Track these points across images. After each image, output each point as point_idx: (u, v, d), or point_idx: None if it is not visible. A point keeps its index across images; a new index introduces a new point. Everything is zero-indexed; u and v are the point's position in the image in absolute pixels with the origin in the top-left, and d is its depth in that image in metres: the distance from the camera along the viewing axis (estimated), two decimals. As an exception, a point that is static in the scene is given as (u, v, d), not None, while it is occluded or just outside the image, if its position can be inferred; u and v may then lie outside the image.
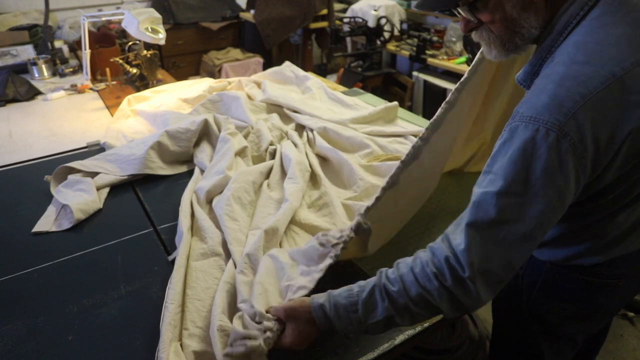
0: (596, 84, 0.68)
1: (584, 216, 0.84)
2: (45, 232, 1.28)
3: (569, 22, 0.75)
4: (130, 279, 1.09)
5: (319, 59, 4.65)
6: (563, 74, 0.71)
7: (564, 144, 0.67)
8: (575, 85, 0.69)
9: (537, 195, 0.70)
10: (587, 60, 0.70)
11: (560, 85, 0.70)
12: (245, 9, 4.28)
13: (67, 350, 0.92)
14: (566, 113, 0.67)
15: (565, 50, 0.74)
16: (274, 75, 2.24)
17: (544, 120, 0.68)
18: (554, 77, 0.71)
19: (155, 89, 2.24)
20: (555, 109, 0.68)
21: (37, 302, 1.04)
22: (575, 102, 0.68)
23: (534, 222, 0.71)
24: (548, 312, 0.97)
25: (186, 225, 1.18)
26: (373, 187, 1.35)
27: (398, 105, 1.90)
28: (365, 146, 1.58)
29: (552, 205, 0.71)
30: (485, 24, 0.82)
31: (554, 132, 0.67)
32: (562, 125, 0.67)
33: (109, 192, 1.45)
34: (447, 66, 3.26)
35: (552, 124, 0.68)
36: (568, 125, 0.67)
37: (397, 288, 0.78)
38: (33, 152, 1.76)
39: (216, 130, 1.64)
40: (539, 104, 0.70)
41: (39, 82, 2.55)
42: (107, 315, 1.00)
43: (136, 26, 2.06)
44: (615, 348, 1.91)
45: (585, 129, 0.68)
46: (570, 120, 0.67)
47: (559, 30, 0.76)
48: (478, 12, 0.80)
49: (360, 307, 0.79)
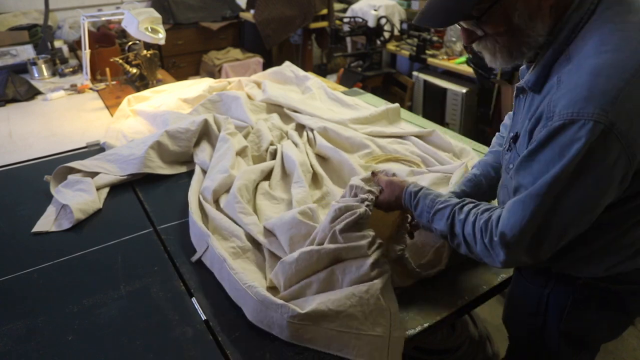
0: (634, 68, 0.68)
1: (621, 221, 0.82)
2: (45, 232, 1.28)
3: (577, 24, 0.75)
4: (130, 279, 1.09)
5: (319, 59, 4.65)
6: (596, 65, 0.70)
7: (611, 135, 0.67)
8: (614, 72, 0.68)
9: (578, 186, 0.71)
10: (616, 48, 0.70)
11: (597, 75, 0.69)
12: (245, 9, 4.28)
13: (67, 350, 0.92)
14: (611, 101, 0.67)
15: (584, 45, 0.73)
16: (274, 75, 2.23)
17: (589, 113, 0.67)
18: (586, 69, 0.70)
19: (155, 89, 2.24)
20: (598, 99, 0.67)
21: (37, 302, 1.04)
22: (619, 89, 0.67)
23: (579, 210, 0.73)
24: (578, 328, 0.94)
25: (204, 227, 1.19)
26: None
27: (399, 107, 1.90)
28: (364, 146, 1.58)
29: (599, 195, 0.72)
30: (490, 35, 0.81)
31: (601, 124, 0.67)
32: (608, 114, 0.66)
33: (109, 192, 1.45)
34: (447, 66, 3.26)
35: (598, 115, 0.67)
36: (614, 113, 0.66)
37: (461, 217, 0.87)
38: (33, 152, 1.76)
39: (216, 130, 1.64)
40: (578, 97, 0.69)
41: (38, 82, 2.55)
42: (107, 315, 1.00)
43: (136, 26, 2.06)
44: (616, 348, 1.91)
45: (633, 114, 0.67)
46: (617, 107, 0.67)
47: (569, 31, 0.76)
48: (483, 24, 0.80)
49: (434, 211, 0.92)
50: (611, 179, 0.71)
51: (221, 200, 1.31)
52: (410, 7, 3.95)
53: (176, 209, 1.33)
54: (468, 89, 3.17)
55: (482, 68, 2.84)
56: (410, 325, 0.96)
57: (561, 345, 0.97)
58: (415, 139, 1.63)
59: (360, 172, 1.40)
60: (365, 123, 1.78)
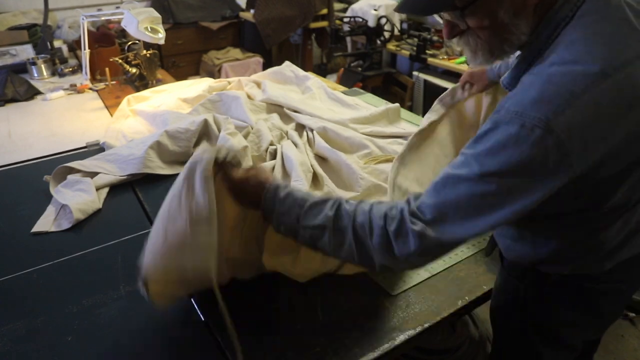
0: (587, 83, 0.67)
1: (582, 225, 0.83)
2: (44, 232, 1.27)
3: (558, 24, 0.74)
4: (130, 279, 1.09)
5: (319, 58, 4.65)
6: (552, 72, 0.69)
7: (549, 140, 0.65)
8: (565, 82, 0.67)
9: (510, 189, 0.69)
10: (576, 60, 0.69)
11: (549, 82, 0.68)
12: (245, 9, 4.28)
13: (67, 350, 0.92)
14: (554, 110, 0.66)
15: (555, 51, 0.73)
16: (274, 75, 2.23)
17: (531, 115, 0.67)
18: (542, 75, 0.70)
19: (155, 89, 2.24)
20: (544, 105, 0.67)
21: (37, 302, 1.04)
22: (565, 100, 0.66)
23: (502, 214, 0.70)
24: (551, 323, 0.95)
25: None
26: (375, 186, 1.35)
27: (400, 107, 1.90)
28: (363, 147, 1.58)
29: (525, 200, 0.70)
30: (472, 30, 0.79)
31: (540, 129, 0.65)
32: (549, 122, 0.65)
33: (109, 192, 1.45)
34: (447, 66, 3.25)
35: (540, 119, 0.66)
36: (555, 122, 0.65)
37: (350, 209, 0.80)
38: (32, 152, 1.76)
39: (216, 131, 1.64)
40: (526, 99, 0.68)
41: (38, 81, 2.54)
42: (107, 315, 0.99)
43: (136, 26, 2.06)
44: (616, 348, 1.91)
45: (574, 128, 0.66)
46: (559, 118, 0.65)
47: (548, 34, 0.75)
48: (467, 17, 0.77)
49: (308, 205, 0.81)
50: (538, 185, 0.69)
51: None
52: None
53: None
54: (468, 89, 3.16)
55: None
56: (410, 325, 0.96)
57: (537, 340, 0.97)
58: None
59: (358, 172, 1.39)
60: (365, 123, 1.78)
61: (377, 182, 1.36)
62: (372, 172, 1.44)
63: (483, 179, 0.70)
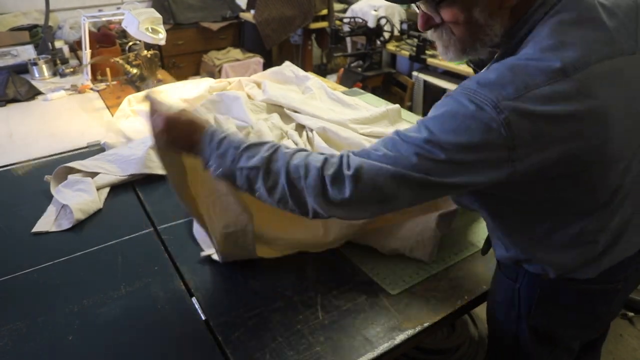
0: (544, 79, 0.68)
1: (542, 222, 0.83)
2: (45, 232, 1.28)
3: (532, 25, 0.75)
4: (130, 279, 1.09)
5: (319, 59, 4.65)
6: (515, 63, 0.71)
7: (496, 120, 0.67)
8: (523, 74, 0.68)
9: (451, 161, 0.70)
10: (541, 57, 0.70)
11: (509, 70, 0.70)
12: (245, 9, 4.28)
13: (67, 350, 0.92)
14: (505, 95, 0.67)
15: (525, 47, 0.74)
16: (274, 75, 2.23)
17: (483, 94, 0.68)
18: (505, 64, 0.71)
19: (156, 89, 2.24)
20: (497, 88, 0.68)
21: (37, 302, 1.04)
22: (517, 89, 0.67)
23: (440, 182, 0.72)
24: (547, 324, 0.95)
25: None
26: None
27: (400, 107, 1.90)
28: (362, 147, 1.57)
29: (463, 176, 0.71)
30: (446, 24, 0.80)
31: (489, 107, 0.67)
32: (498, 103, 0.67)
33: (109, 192, 1.45)
34: (447, 66, 3.26)
35: (491, 100, 0.67)
36: (505, 106, 0.67)
37: (287, 152, 0.80)
38: (33, 152, 1.76)
39: (216, 130, 1.64)
40: (482, 80, 0.70)
41: (39, 82, 2.54)
42: (107, 315, 1.00)
43: (136, 26, 2.06)
44: (615, 348, 1.91)
45: (521, 116, 0.67)
46: (508, 103, 0.67)
47: (522, 35, 0.76)
48: (442, 10, 0.78)
49: (244, 146, 0.82)
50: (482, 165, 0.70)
51: None
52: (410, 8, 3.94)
53: (176, 209, 1.33)
54: (468, 89, 3.16)
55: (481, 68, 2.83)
56: (410, 325, 0.96)
57: (533, 341, 0.97)
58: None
59: None
60: (366, 123, 1.78)
61: None
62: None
63: (428, 143, 0.71)
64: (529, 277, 0.91)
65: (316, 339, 0.92)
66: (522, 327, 0.97)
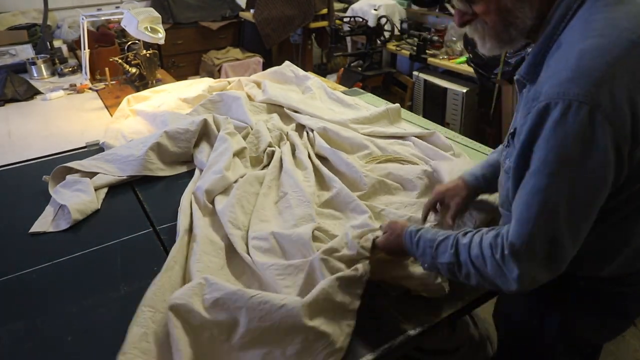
0: (619, 52, 0.68)
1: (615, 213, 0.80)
2: (44, 232, 1.27)
3: (569, 7, 0.75)
4: (130, 279, 1.09)
5: (319, 58, 4.64)
6: (581, 49, 0.70)
7: (597, 116, 0.66)
8: (597, 54, 0.68)
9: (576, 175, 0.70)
10: (601, 34, 0.70)
11: (581, 58, 0.69)
12: (245, 9, 4.28)
13: (67, 350, 0.91)
14: (595, 83, 0.66)
15: (572, 33, 0.74)
16: (274, 75, 2.23)
17: (574, 93, 0.67)
18: (571, 54, 0.70)
19: (155, 89, 2.23)
20: (583, 80, 0.67)
21: (37, 302, 1.04)
22: (602, 71, 0.67)
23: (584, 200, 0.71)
24: (577, 330, 0.93)
25: (184, 227, 1.17)
26: (379, 182, 1.35)
27: (400, 107, 1.89)
28: (364, 147, 1.58)
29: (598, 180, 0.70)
30: (479, 17, 0.82)
31: (586, 105, 0.66)
32: (593, 95, 0.66)
33: (108, 192, 1.45)
34: (447, 66, 3.25)
35: (584, 96, 0.66)
36: (600, 94, 0.66)
37: (465, 242, 0.83)
38: (32, 152, 1.76)
39: (215, 131, 1.63)
40: (563, 79, 0.69)
41: (37, 81, 2.54)
42: (106, 315, 0.99)
43: (135, 25, 2.06)
44: (617, 349, 1.90)
45: (618, 97, 0.67)
46: (602, 89, 0.66)
47: (559, 18, 0.76)
48: (473, 5, 0.80)
49: (436, 244, 0.87)
50: (606, 161, 0.69)
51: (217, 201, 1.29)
52: (410, 7, 3.94)
53: (176, 209, 1.32)
54: (468, 89, 3.16)
55: (483, 68, 2.83)
56: (410, 325, 0.95)
57: (558, 345, 0.95)
58: (416, 140, 1.63)
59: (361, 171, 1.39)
60: (366, 123, 1.77)
61: (381, 179, 1.36)
62: (372, 170, 1.44)
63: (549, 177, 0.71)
64: (563, 281, 0.88)
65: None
66: (549, 332, 0.94)
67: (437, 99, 3.37)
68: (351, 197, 1.27)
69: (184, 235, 1.15)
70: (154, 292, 0.96)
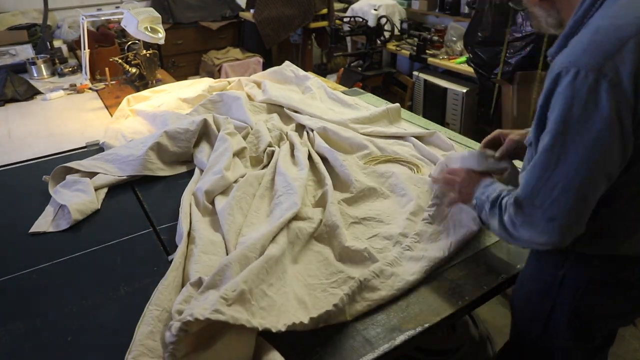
0: (631, 31, 0.73)
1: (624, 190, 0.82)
2: (44, 232, 1.27)
3: None
4: (130, 279, 1.09)
5: (319, 58, 4.64)
6: (596, 27, 0.77)
7: (603, 83, 0.71)
8: (611, 31, 0.75)
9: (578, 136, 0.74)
10: (618, 15, 0.76)
11: (595, 33, 0.76)
12: (245, 9, 4.28)
13: (67, 350, 0.91)
14: (605, 55, 0.72)
15: (595, 18, 0.80)
16: (274, 75, 2.23)
17: (583, 62, 0.73)
18: (587, 31, 0.78)
19: (155, 89, 2.23)
20: (594, 52, 0.73)
21: (37, 302, 1.03)
22: (613, 45, 0.73)
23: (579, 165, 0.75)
24: (588, 313, 0.93)
25: (186, 229, 1.17)
26: (369, 189, 1.35)
27: (400, 107, 1.89)
28: (363, 147, 1.58)
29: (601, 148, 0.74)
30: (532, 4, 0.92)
31: (592, 73, 0.72)
32: (600, 66, 0.72)
33: (108, 192, 1.45)
34: (447, 66, 3.26)
35: (592, 65, 0.72)
36: (607, 66, 0.72)
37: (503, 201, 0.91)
38: (32, 152, 1.76)
39: (215, 131, 1.63)
40: (576, 50, 0.76)
41: (37, 81, 2.54)
42: (106, 315, 0.99)
43: (135, 26, 2.06)
44: (617, 349, 1.90)
45: (624, 71, 0.72)
46: (610, 62, 0.72)
47: (588, 6, 0.81)
48: None
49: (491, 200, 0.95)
50: (610, 125, 0.73)
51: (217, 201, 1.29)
52: (410, 7, 3.94)
53: (176, 209, 1.32)
54: (468, 89, 3.17)
55: (483, 68, 2.83)
56: (410, 325, 0.95)
57: (567, 330, 0.95)
58: (416, 141, 1.63)
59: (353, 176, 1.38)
60: (366, 123, 1.77)
61: (370, 185, 1.36)
62: (371, 172, 1.44)
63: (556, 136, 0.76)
64: (578, 263, 0.90)
65: (316, 340, 0.92)
66: (559, 318, 0.95)
67: (437, 99, 3.37)
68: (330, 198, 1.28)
69: (187, 238, 1.15)
70: (161, 292, 0.96)
